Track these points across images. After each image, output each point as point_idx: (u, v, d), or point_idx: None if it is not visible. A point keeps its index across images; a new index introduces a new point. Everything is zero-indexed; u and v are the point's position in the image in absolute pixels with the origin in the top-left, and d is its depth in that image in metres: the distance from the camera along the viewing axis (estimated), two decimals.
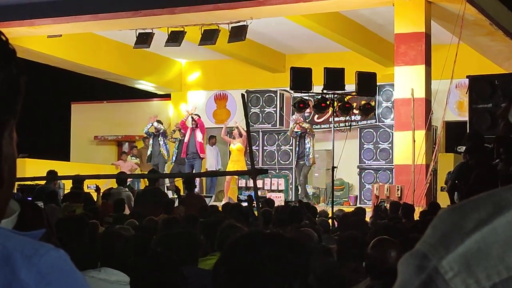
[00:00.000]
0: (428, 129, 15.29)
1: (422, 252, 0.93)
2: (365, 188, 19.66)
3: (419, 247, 0.95)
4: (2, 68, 1.14)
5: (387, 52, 18.17)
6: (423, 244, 0.94)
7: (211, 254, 5.72)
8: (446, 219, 0.95)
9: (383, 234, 5.22)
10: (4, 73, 1.14)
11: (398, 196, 14.61)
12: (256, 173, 6.65)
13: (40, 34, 17.98)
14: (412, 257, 0.94)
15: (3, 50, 1.16)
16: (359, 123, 19.68)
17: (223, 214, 9.84)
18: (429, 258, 0.92)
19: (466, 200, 0.96)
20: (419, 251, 0.94)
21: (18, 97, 1.18)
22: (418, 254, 0.94)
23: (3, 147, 1.16)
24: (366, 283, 4.91)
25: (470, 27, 16.13)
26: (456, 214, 0.95)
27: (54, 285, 1.07)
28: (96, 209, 11.14)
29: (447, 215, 0.96)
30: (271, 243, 1.79)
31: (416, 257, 0.94)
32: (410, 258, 0.95)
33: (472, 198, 0.96)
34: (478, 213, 0.93)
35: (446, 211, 0.97)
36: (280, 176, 19.52)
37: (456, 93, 19.23)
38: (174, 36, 17.35)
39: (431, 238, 0.94)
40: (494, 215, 0.92)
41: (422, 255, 0.93)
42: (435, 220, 0.97)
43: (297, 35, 19.11)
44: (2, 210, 1.20)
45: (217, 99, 23.09)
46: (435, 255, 0.92)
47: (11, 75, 1.15)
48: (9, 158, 1.18)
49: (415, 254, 0.94)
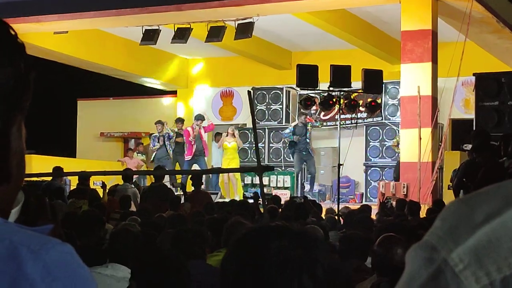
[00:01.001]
0: (434, 126, 15.27)
1: (431, 244, 0.93)
2: (371, 185, 19.66)
3: (427, 238, 0.94)
4: (10, 63, 1.14)
5: (394, 50, 18.14)
6: (432, 236, 0.93)
7: (218, 251, 5.73)
8: (455, 211, 0.95)
9: (388, 231, 5.21)
10: (12, 68, 1.14)
11: (404, 194, 14.59)
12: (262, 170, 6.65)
13: (46, 31, 18.00)
14: (421, 249, 0.94)
15: (12, 45, 1.16)
16: (365, 120, 19.67)
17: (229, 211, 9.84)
18: (438, 250, 0.91)
19: (475, 193, 0.96)
20: (427, 242, 0.93)
21: (26, 93, 1.18)
22: (427, 246, 0.93)
23: (11, 142, 1.16)
24: (372, 280, 4.91)
25: (477, 24, 16.09)
26: (465, 206, 0.94)
27: (61, 279, 1.07)
28: (102, 206, 11.16)
29: (456, 207, 0.95)
30: (279, 236, 1.78)
31: (425, 249, 0.93)
32: (418, 249, 0.94)
33: (481, 191, 0.95)
34: (487, 205, 0.92)
35: (455, 203, 0.96)
36: (286, 173, 19.52)
37: (462, 90, 19.19)
38: (181, 33, 17.36)
39: (440, 230, 0.93)
40: (504, 208, 0.91)
41: (431, 247, 0.92)
42: (444, 211, 0.96)
43: (303, 32, 19.10)
44: (10, 204, 1.21)
45: (223, 96, 23.09)
46: (444, 247, 0.91)
47: (19, 70, 1.15)
48: (17, 153, 1.18)
49: (424, 246, 0.93)
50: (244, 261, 1.76)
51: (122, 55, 21.07)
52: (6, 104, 1.14)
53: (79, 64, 21.13)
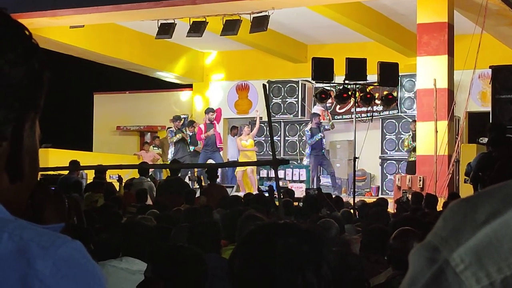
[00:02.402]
0: (451, 119, 15.21)
1: (433, 244, 0.93)
2: (387, 178, 19.62)
3: (430, 239, 0.94)
4: (24, 62, 1.15)
5: (410, 42, 18.08)
6: (434, 236, 0.93)
7: (231, 244, 5.74)
8: (457, 211, 0.94)
9: (404, 225, 5.21)
10: (26, 67, 1.15)
11: (420, 187, 14.55)
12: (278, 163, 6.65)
13: (62, 25, 18.06)
14: (423, 249, 0.94)
15: (26, 44, 1.17)
16: (381, 113, 19.62)
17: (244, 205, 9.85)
18: (440, 250, 0.91)
19: (478, 192, 0.96)
20: (430, 243, 0.93)
21: (40, 92, 1.19)
22: (429, 246, 0.93)
23: (23, 141, 1.17)
24: (387, 274, 4.91)
25: (493, 16, 15.99)
26: (467, 206, 0.94)
27: (70, 276, 1.08)
28: (119, 199, 11.20)
29: (459, 207, 0.95)
30: (285, 234, 1.80)
31: (427, 249, 0.93)
32: (421, 249, 0.94)
33: (485, 190, 0.95)
34: (490, 205, 0.91)
35: (458, 203, 0.96)
36: (302, 166, 19.52)
37: (479, 83, 19.10)
38: (196, 27, 17.37)
39: (442, 230, 0.93)
40: (505, 208, 0.90)
41: (433, 247, 0.92)
42: (446, 211, 0.96)
43: (319, 25, 19.06)
44: (22, 203, 1.21)
45: (239, 89, 23.09)
46: (446, 247, 0.91)
47: (32, 69, 1.16)
48: (30, 152, 1.18)
49: (426, 246, 0.93)
50: (250, 257, 1.78)
51: (138, 49, 21.12)
52: (19, 103, 1.15)
53: (95, 58, 21.19)
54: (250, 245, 1.82)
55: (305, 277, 1.74)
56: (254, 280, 1.76)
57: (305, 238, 1.79)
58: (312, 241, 1.79)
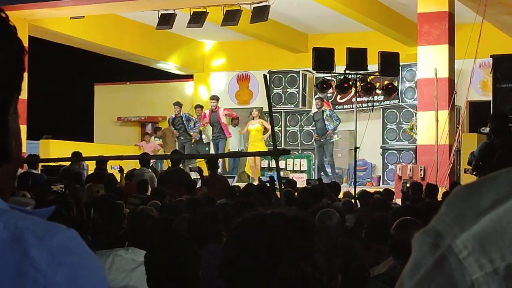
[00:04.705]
0: (452, 109, 15.20)
1: (437, 230, 0.92)
2: (388, 168, 19.62)
3: (434, 224, 0.93)
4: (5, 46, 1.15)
5: (410, 32, 18.04)
6: (438, 222, 0.93)
7: None
8: (461, 196, 0.94)
9: (405, 215, 5.22)
10: (8, 51, 1.16)
11: (421, 177, 14.56)
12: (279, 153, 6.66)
13: (63, 16, 18.02)
14: (426, 235, 0.93)
15: (5, 29, 1.17)
16: (382, 103, 19.61)
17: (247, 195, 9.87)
18: (444, 236, 0.91)
19: (483, 178, 0.95)
20: (433, 228, 0.93)
21: (22, 75, 1.19)
22: (432, 232, 0.93)
23: (9, 124, 1.17)
24: (387, 264, 4.92)
25: (494, 5, 15.95)
26: (472, 192, 0.93)
27: (66, 265, 1.08)
28: (120, 190, 11.20)
29: (463, 192, 0.94)
30: (274, 224, 1.79)
31: (430, 235, 0.92)
32: (424, 235, 0.93)
33: (489, 176, 0.94)
34: (495, 191, 0.91)
35: (462, 189, 0.95)
36: (303, 156, 19.52)
37: (480, 72, 19.07)
38: (196, 17, 17.34)
39: (446, 216, 0.93)
40: (510, 194, 0.90)
41: (436, 233, 0.92)
42: (450, 197, 0.95)
43: (319, 15, 19.02)
44: (10, 185, 1.22)
45: (240, 80, 23.07)
46: (449, 233, 0.91)
47: (14, 53, 1.17)
48: (15, 134, 1.19)
49: (429, 232, 0.93)
50: (242, 248, 1.77)
51: (138, 39, 21.09)
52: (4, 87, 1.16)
53: (95, 49, 21.16)
54: (241, 236, 1.81)
55: (299, 268, 1.73)
56: (247, 271, 1.75)
57: (294, 227, 1.78)
58: (301, 229, 1.78)
